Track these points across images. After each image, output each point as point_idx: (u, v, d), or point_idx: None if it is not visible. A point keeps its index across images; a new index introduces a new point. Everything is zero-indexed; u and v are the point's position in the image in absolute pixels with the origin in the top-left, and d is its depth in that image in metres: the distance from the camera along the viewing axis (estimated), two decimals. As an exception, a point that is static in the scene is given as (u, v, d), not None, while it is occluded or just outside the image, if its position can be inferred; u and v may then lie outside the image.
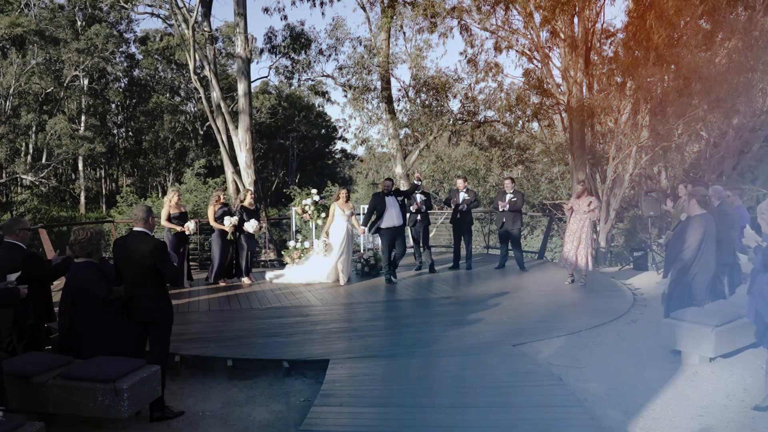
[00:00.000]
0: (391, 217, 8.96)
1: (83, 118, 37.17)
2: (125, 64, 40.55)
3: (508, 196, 9.96)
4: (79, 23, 35.45)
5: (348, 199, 9.21)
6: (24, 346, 4.70)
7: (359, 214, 10.77)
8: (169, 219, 8.54)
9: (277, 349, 5.85)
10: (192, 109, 44.10)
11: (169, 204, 8.68)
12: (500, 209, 9.98)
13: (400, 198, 9.20)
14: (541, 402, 4.36)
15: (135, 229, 4.46)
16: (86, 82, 37.19)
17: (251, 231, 8.90)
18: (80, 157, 36.64)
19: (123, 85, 41.72)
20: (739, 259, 5.25)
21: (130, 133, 44.38)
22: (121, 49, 39.09)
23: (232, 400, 4.85)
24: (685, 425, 4.05)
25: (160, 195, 36.23)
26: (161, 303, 4.46)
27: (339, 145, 55.39)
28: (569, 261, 8.75)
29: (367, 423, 4.10)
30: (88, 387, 3.89)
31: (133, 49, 40.70)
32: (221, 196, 9.10)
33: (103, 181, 44.27)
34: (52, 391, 3.96)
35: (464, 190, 10.14)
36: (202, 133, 43.46)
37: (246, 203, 9.15)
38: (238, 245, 9.14)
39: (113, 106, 42.71)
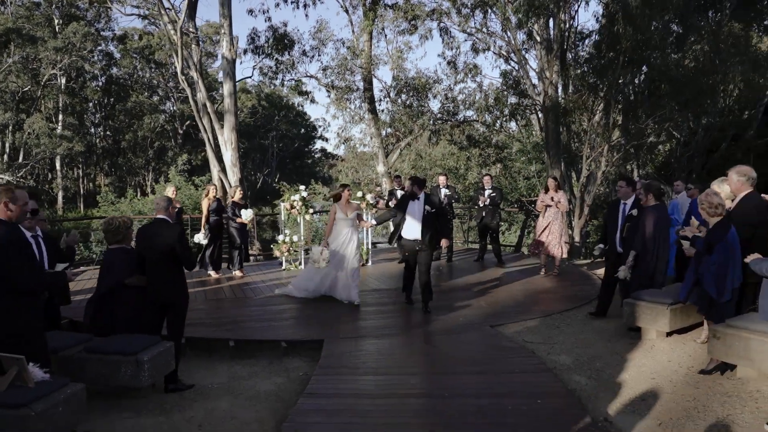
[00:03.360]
0: (411, 229, 7.17)
1: (61, 117, 36.85)
2: (103, 63, 40.27)
3: (487, 192, 10.50)
4: (56, 21, 35.20)
5: (349, 199, 7.88)
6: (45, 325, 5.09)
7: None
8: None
9: (275, 332, 6.33)
10: (171, 108, 43.99)
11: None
12: (480, 204, 10.50)
13: (428, 207, 7.14)
14: (515, 369, 4.93)
15: (157, 216, 4.96)
16: (64, 80, 36.90)
17: (246, 220, 9.37)
18: (58, 157, 36.33)
19: (101, 83, 41.45)
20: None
21: (108, 132, 44.05)
22: (99, 48, 38.84)
23: (237, 375, 5.32)
24: (639, 386, 4.64)
25: (138, 194, 36.15)
26: (179, 286, 4.93)
27: (319, 144, 55.76)
28: (542, 251, 9.32)
29: (365, 387, 4.63)
30: (113, 359, 4.34)
31: (111, 47, 40.49)
32: (212, 191, 9.59)
33: (80, 180, 43.87)
34: (79, 364, 4.38)
35: (445, 187, 10.66)
36: (181, 132, 43.40)
37: (236, 198, 9.60)
38: (230, 239, 9.59)
39: (91, 104, 42.40)
